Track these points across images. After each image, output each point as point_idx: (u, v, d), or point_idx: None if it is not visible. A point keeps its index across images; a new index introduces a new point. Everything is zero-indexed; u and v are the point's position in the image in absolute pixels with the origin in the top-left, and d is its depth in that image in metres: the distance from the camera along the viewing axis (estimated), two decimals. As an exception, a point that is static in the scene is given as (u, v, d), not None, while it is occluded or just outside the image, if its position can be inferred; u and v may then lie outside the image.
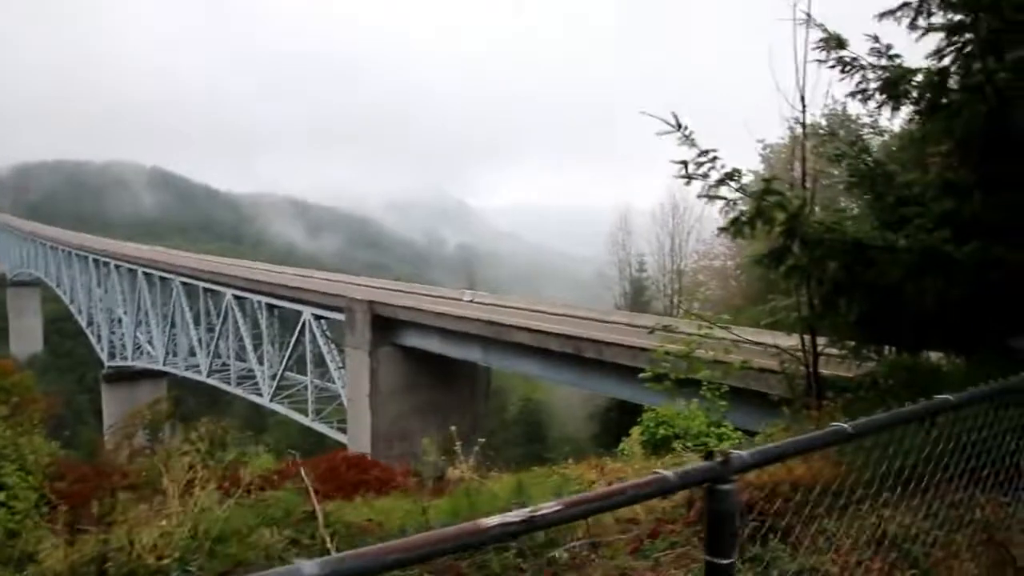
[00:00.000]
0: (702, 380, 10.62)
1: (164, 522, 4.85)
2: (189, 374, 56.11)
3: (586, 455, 17.76)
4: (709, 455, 2.21)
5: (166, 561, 4.41)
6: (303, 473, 5.65)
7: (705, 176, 5.00)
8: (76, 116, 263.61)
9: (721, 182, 4.97)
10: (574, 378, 25.75)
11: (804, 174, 5.10)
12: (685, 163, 4.98)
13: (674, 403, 15.06)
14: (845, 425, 2.64)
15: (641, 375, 9.19)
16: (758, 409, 10.95)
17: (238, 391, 49.24)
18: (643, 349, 18.23)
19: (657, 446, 17.11)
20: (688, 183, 5.01)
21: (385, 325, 33.67)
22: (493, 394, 41.68)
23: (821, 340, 5.35)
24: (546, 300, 32.08)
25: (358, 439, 34.16)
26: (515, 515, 1.82)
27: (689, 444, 16.57)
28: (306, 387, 41.98)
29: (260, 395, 45.95)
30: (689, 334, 8.53)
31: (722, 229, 5.10)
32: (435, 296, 36.50)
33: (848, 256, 4.55)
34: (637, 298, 42.30)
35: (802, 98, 5.01)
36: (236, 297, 46.82)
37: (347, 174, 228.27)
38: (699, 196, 5.00)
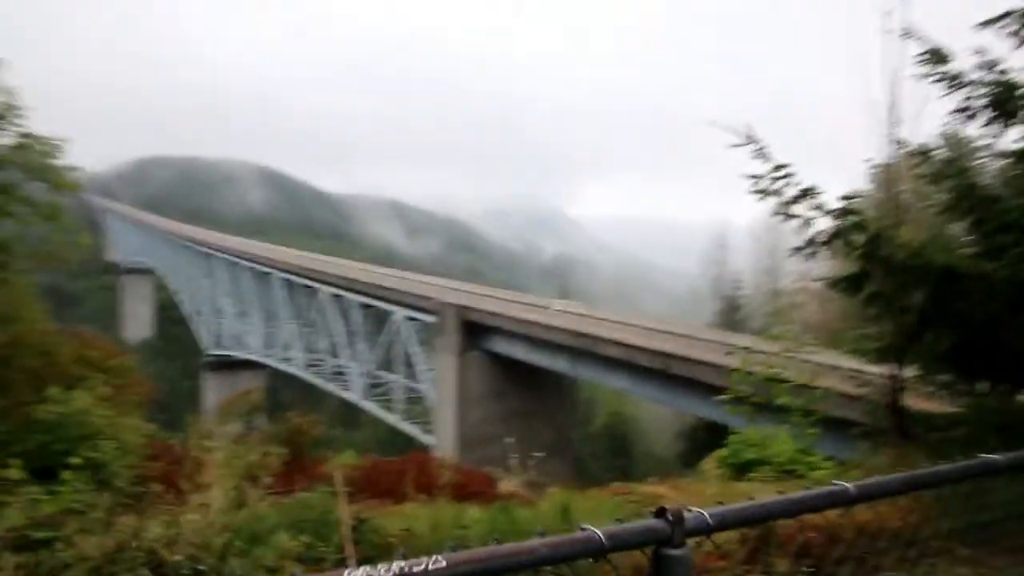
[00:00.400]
0: (784, 405, 10.17)
1: (194, 515, 4.87)
2: (284, 367, 57.78)
3: (670, 474, 17.43)
4: (660, 512, 1.92)
5: (177, 557, 4.42)
6: (336, 476, 5.53)
7: (780, 192, 4.72)
8: (192, 116, 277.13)
9: (797, 199, 4.68)
10: (661, 395, 25.28)
11: (894, 195, 4.76)
12: (758, 178, 4.73)
13: (760, 427, 14.58)
14: (848, 485, 2.34)
15: (718, 397, 8.84)
16: (847, 438, 10.42)
17: (330, 387, 50.37)
18: (735, 370, 17.70)
19: (741, 470, 16.61)
20: (763, 199, 4.76)
21: (474, 330, 33.85)
22: (581, 405, 41.38)
23: (909, 371, 4.98)
24: (637, 313, 31.63)
25: (443, 442, 34.43)
26: (384, 569, 1.61)
27: (773, 471, 16.06)
28: (395, 387, 42.61)
29: (351, 392, 46.88)
30: (771, 354, 8.10)
31: (796, 250, 4.82)
32: (525, 303, 36.47)
33: (937, 285, 4.22)
34: (731, 316, 41.30)
35: (893, 113, 4.67)
36: (333, 295, 47.96)
37: (447, 179, 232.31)
38: (773, 214, 4.72)
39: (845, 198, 4.61)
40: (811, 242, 4.68)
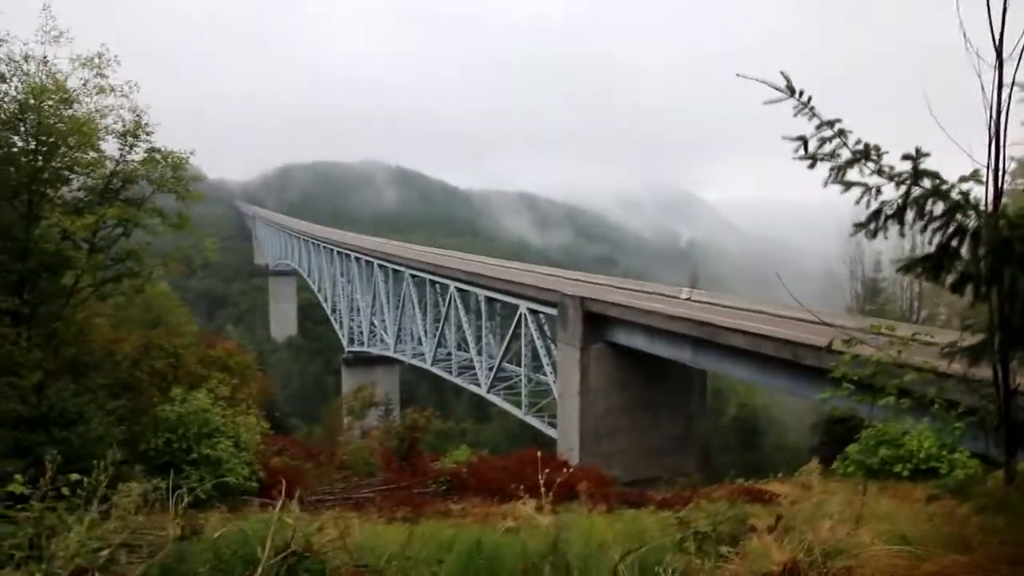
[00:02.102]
0: (915, 394, 9.13)
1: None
2: (415, 362, 59.05)
3: (801, 469, 16.38)
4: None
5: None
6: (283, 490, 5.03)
7: (833, 155, 3.96)
8: (331, 123, 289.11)
9: (853, 162, 3.89)
10: (790, 385, 23.94)
11: (996, 152, 3.88)
12: (804, 139, 3.98)
13: (897, 420, 13.41)
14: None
15: (820, 396, 7.96)
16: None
17: (458, 380, 51.06)
18: (841, 351, 16.41)
19: (875, 470, 15.37)
20: (812, 165, 3.99)
21: (596, 321, 33.32)
22: (709, 396, 40.01)
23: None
24: (766, 300, 30.11)
25: (567, 435, 34.13)
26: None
27: (910, 468, 14.75)
28: (521, 380, 42.65)
29: (478, 385, 47.32)
30: (897, 337, 7.04)
31: (858, 226, 4.04)
32: (650, 293, 35.56)
33: None
34: (871, 300, 38.78)
35: (998, 52, 3.80)
36: (459, 289, 48.53)
37: (577, 169, 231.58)
38: (827, 183, 3.97)
39: (910, 156, 3.79)
40: (876, 215, 3.91)
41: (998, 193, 3.87)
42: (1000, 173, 3.91)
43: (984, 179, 3.89)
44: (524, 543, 4.27)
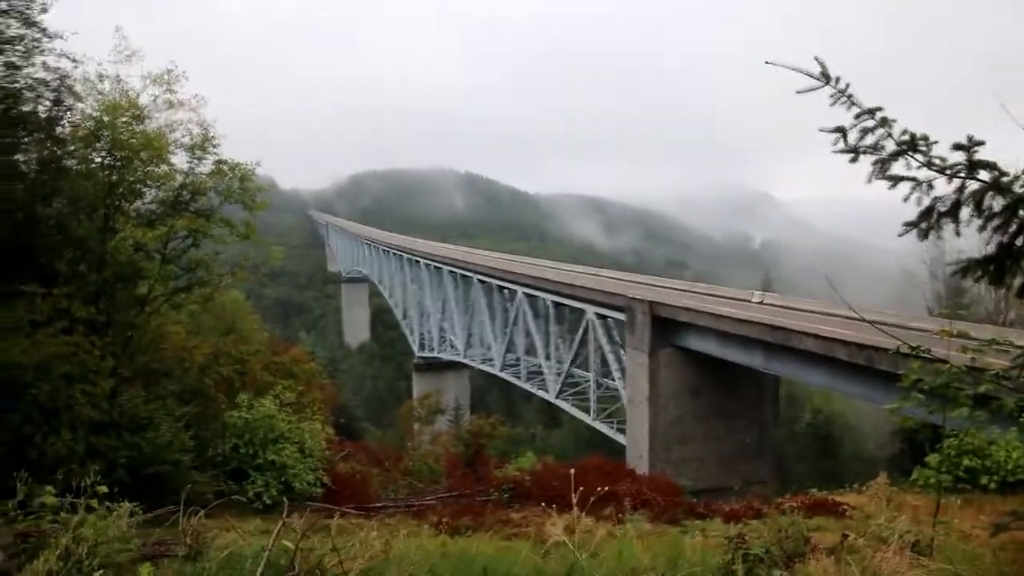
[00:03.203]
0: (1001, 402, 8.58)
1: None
2: (485, 367, 59.19)
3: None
4: None
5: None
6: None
7: (876, 148, 3.66)
8: (399, 131, 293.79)
9: (898, 154, 3.55)
10: (865, 391, 23.05)
11: None
12: (843, 130, 3.67)
13: (981, 429, 12.71)
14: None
15: (887, 406, 7.53)
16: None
17: (527, 386, 50.93)
18: (913, 353, 15.63)
19: (963, 479, 14.59)
20: (854, 159, 3.68)
21: (665, 326, 32.78)
22: (785, 403, 38.95)
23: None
24: (842, 302, 29.08)
25: (636, 442, 33.65)
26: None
27: (997, 481, 13.95)
28: (589, 386, 42.28)
29: (547, 391, 47.11)
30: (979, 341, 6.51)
31: (908, 225, 3.69)
32: (719, 296, 34.84)
33: None
34: (953, 302, 37.09)
35: None
36: (527, 295, 48.44)
37: (644, 172, 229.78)
38: (871, 178, 3.64)
39: (963, 146, 3.43)
40: (928, 213, 3.58)
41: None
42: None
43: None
44: (540, 570, 4.08)
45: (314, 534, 5.81)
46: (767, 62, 3.62)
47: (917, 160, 3.55)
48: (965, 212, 3.53)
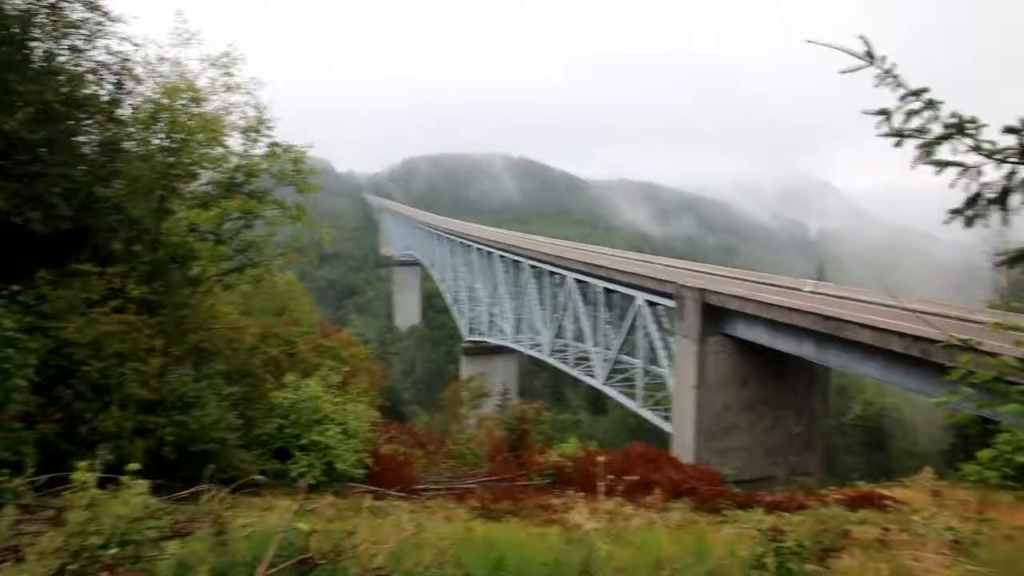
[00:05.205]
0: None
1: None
2: (533, 353, 59.23)
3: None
4: None
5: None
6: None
7: (922, 131, 3.52)
8: (453, 115, 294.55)
9: (945, 138, 3.38)
10: (919, 384, 22.47)
11: None
12: (887, 112, 3.51)
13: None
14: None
15: (934, 400, 7.31)
16: None
17: (574, 372, 50.84)
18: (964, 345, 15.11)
19: (1014, 476, 14.23)
20: (899, 143, 3.51)
21: (715, 314, 32.38)
22: (835, 394, 38.25)
23: None
24: (897, 293, 28.42)
25: (682, 430, 33.38)
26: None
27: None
28: (637, 373, 42.04)
29: (594, 377, 46.97)
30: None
31: (954, 212, 3.52)
32: (771, 285, 34.24)
33: None
34: (1017, 294, 35.86)
35: None
36: (577, 281, 48.28)
37: (698, 158, 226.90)
38: (915, 163, 3.46)
39: (1015, 130, 3.24)
40: (975, 200, 3.41)
41: None
42: None
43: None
44: (558, 560, 4.04)
45: (348, 515, 5.88)
46: (808, 41, 3.50)
47: (965, 144, 3.39)
48: (1015, 199, 3.38)
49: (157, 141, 16.66)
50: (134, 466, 4.71)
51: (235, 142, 18.31)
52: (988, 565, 3.63)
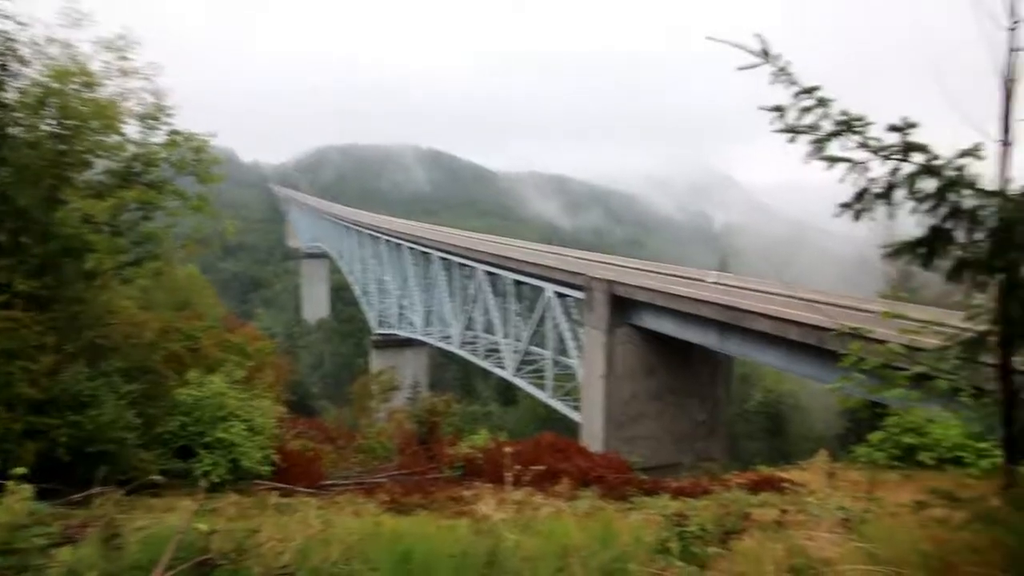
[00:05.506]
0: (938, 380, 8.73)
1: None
2: (443, 345, 59.14)
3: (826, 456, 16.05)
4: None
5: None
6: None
7: (814, 128, 3.69)
8: (362, 106, 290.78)
9: (835, 134, 3.58)
10: (815, 371, 23.47)
11: (1006, 125, 3.53)
12: (782, 109, 3.67)
13: (926, 408, 13.01)
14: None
15: (827, 386, 7.65)
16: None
17: (485, 363, 51.02)
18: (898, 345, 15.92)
19: (901, 456, 15.02)
20: (792, 139, 3.68)
21: (623, 305, 32.98)
22: (737, 382, 39.52)
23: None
24: (795, 285, 29.61)
25: (591, 419, 33.93)
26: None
27: (935, 457, 14.37)
28: (547, 364, 42.48)
29: (504, 368, 47.23)
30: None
31: (844, 206, 3.71)
32: (677, 276, 35.09)
33: None
34: (904, 284, 37.83)
35: (1011, 14, 3.43)
36: (487, 272, 48.38)
37: (606, 152, 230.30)
38: (808, 159, 3.63)
39: (898, 128, 3.45)
40: (863, 195, 3.59)
41: (1006, 169, 3.56)
42: (1009, 147, 3.60)
43: (994, 156, 3.59)
44: (465, 552, 4.06)
45: (253, 514, 5.72)
46: (708, 38, 3.59)
47: (853, 141, 3.55)
48: (899, 194, 3.55)
49: (47, 127, 15.83)
50: (20, 470, 4.46)
51: (133, 130, 17.51)
52: (873, 541, 3.82)
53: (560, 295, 39.30)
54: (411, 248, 63.84)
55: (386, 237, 71.53)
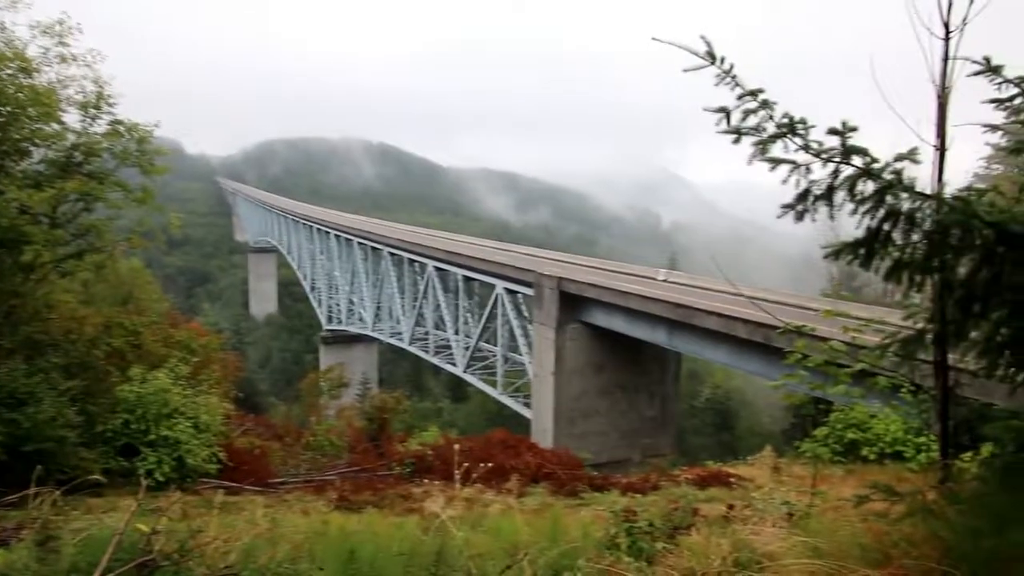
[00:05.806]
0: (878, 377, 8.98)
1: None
2: (393, 341, 58.82)
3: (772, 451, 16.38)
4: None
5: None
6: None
7: (758, 129, 3.78)
8: (311, 99, 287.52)
9: (778, 137, 3.69)
10: (762, 368, 23.89)
11: (941, 130, 3.68)
12: (726, 111, 3.76)
13: (868, 404, 13.37)
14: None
15: (770, 383, 7.82)
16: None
17: (435, 360, 50.88)
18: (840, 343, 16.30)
19: (844, 451, 15.43)
20: (737, 140, 3.76)
21: (572, 302, 33.18)
22: (686, 378, 40.05)
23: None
24: (743, 283, 30.10)
25: (541, 415, 34.08)
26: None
27: (876, 452, 14.79)
28: (497, 360, 42.53)
29: (455, 365, 47.16)
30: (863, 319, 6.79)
31: (786, 207, 3.81)
32: (627, 274, 35.43)
33: (986, 249, 3.23)
34: (847, 283, 38.81)
35: (945, 25, 3.59)
36: (437, 269, 48.23)
37: (557, 149, 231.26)
38: (752, 159, 3.72)
39: (838, 131, 3.56)
40: (805, 196, 3.70)
41: (941, 173, 3.70)
42: (944, 152, 3.73)
43: (929, 160, 3.72)
44: (413, 550, 4.06)
45: (198, 513, 5.62)
46: (654, 39, 3.64)
47: (795, 143, 3.64)
48: (839, 196, 3.65)
49: (-23, 114, 15.34)
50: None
51: (73, 118, 17.04)
52: (816, 535, 3.93)
53: (510, 292, 39.38)
54: (361, 244, 63.30)
55: (335, 232, 70.82)
